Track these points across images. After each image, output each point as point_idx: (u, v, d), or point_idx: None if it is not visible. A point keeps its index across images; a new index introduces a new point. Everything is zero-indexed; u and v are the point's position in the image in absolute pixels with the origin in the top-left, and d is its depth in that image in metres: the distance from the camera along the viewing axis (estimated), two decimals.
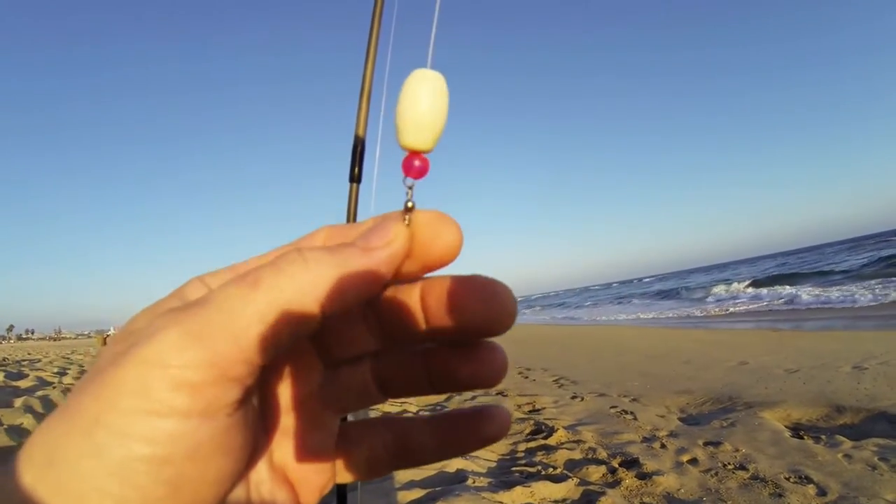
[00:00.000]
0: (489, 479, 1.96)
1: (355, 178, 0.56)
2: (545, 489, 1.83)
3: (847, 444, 2.04)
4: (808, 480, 1.75)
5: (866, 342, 4.39)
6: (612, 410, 3.04)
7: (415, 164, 0.18)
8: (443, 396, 3.92)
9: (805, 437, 2.20)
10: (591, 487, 1.84)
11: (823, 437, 2.18)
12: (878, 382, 2.91)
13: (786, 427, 2.40)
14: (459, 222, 0.19)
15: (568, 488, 1.85)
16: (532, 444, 2.48)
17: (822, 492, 1.67)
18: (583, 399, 3.46)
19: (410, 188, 0.18)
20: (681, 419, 2.78)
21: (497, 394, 3.91)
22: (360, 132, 0.55)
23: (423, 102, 0.18)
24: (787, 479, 1.79)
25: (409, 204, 0.18)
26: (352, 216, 0.57)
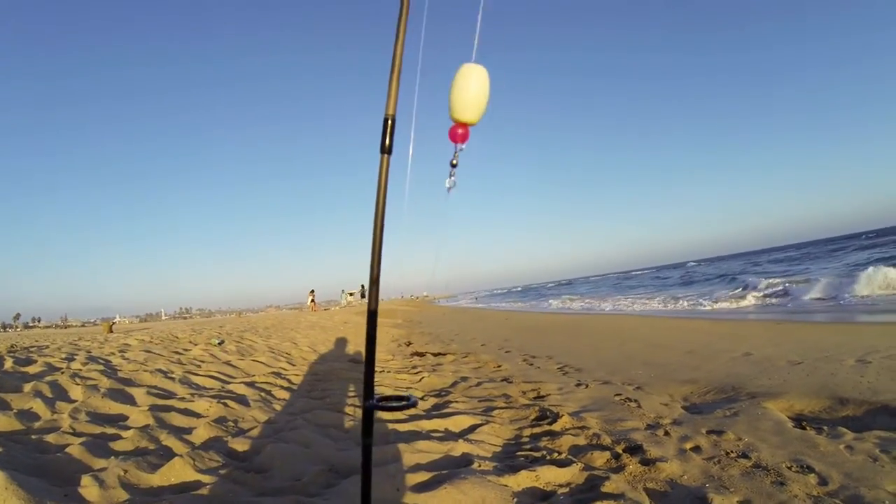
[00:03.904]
0: (494, 463, 1.99)
1: (386, 149, 0.63)
2: (550, 474, 1.86)
3: (849, 435, 2.05)
4: (810, 470, 1.77)
5: (870, 336, 4.40)
6: (616, 398, 3.07)
7: (459, 132, 0.23)
8: (448, 381, 3.95)
9: (807, 428, 2.22)
10: (596, 472, 1.87)
11: (826, 428, 2.19)
12: (881, 376, 2.92)
13: (788, 418, 2.42)
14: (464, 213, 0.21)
15: (572, 473, 1.88)
16: (537, 430, 2.51)
17: (823, 481, 1.68)
18: (587, 386, 3.49)
19: (457, 152, 0.23)
20: (684, 408, 2.81)
21: (502, 380, 3.94)
22: (391, 107, 0.60)
23: (471, 87, 0.23)
24: (789, 468, 1.80)
25: (454, 161, 0.23)
26: (382, 185, 0.63)
